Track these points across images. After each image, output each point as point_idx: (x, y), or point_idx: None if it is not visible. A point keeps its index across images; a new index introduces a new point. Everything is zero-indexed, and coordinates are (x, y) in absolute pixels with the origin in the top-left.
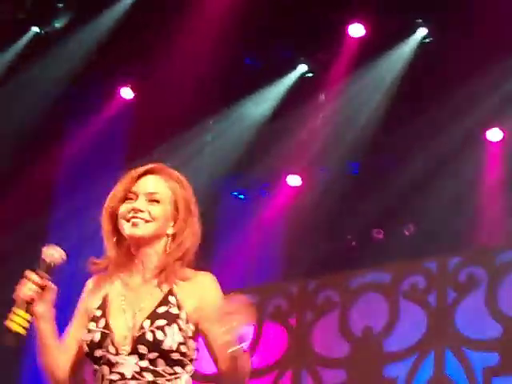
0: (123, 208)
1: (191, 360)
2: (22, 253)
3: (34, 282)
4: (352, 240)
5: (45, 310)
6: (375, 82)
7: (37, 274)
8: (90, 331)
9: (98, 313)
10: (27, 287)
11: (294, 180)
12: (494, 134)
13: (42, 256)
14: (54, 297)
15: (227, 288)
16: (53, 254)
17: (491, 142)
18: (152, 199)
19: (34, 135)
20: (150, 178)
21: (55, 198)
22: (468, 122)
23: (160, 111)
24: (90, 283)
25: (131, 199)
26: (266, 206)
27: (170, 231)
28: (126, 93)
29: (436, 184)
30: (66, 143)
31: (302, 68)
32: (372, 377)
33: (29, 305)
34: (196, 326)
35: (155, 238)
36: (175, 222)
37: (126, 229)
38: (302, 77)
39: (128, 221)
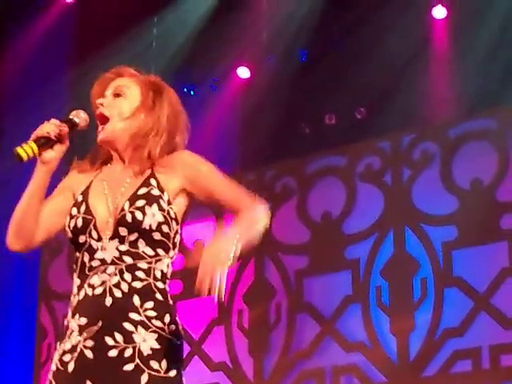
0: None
1: (174, 244)
2: None
3: (54, 125)
4: (305, 127)
5: (51, 158)
6: None
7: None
8: (72, 217)
9: (80, 198)
10: (46, 126)
11: (244, 72)
12: (439, 12)
13: (70, 114)
14: (62, 153)
15: None
16: (80, 114)
17: (436, 19)
18: (116, 93)
19: None
20: (116, 79)
21: (3, 105)
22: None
23: (103, 9)
24: (75, 167)
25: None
26: (218, 99)
27: (142, 123)
28: None
29: (383, 64)
30: (8, 48)
31: None
32: (334, 260)
33: (41, 140)
34: (185, 205)
35: (126, 131)
36: (146, 114)
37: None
38: None
39: (99, 124)
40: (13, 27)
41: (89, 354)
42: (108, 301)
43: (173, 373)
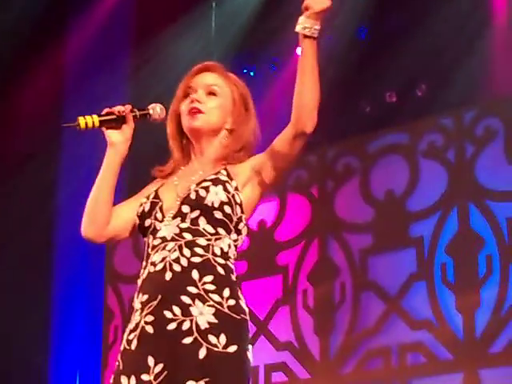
0: (183, 105)
1: (238, 230)
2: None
3: (124, 106)
4: (365, 105)
5: (118, 141)
6: None
7: (132, 107)
8: (141, 205)
9: (152, 193)
10: (115, 107)
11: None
12: None
13: (148, 105)
14: (130, 135)
15: None
16: (156, 106)
17: None
18: (210, 91)
19: (36, 30)
20: (207, 74)
21: (66, 94)
22: None
23: None
24: (157, 174)
25: (190, 94)
26: (278, 79)
27: (228, 126)
28: None
29: (444, 40)
30: (71, 34)
31: None
32: (398, 238)
33: (103, 114)
34: (259, 184)
35: (213, 131)
36: (233, 118)
37: (186, 122)
38: None
39: (188, 114)
40: (74, 11)
41: (149, 329)
42: (168, 275)
43: (232, 348)
